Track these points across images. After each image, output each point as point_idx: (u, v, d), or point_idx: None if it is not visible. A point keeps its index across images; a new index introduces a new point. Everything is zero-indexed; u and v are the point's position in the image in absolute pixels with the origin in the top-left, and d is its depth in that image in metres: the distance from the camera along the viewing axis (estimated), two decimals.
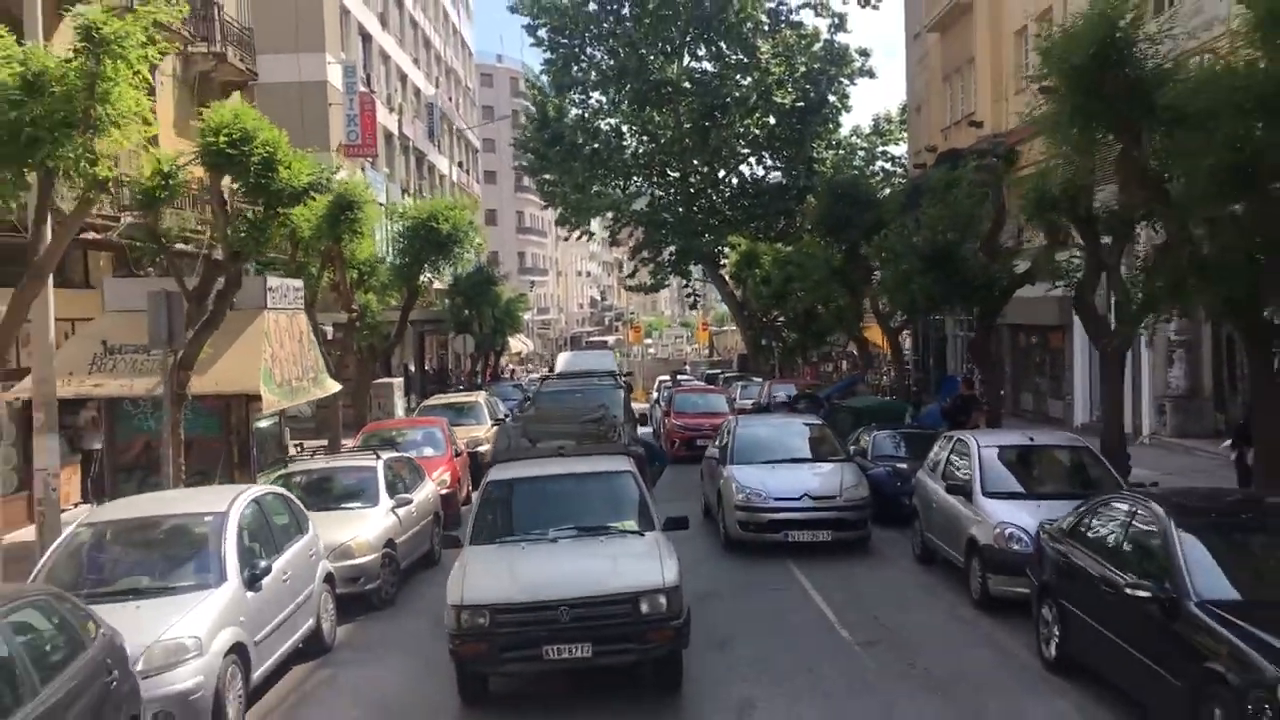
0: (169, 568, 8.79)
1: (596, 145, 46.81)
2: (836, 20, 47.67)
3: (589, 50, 47.69)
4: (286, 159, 13.85)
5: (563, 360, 34.07)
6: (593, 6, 46.37)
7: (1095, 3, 11.63)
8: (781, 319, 40.66)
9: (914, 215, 21.45)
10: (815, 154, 47.33)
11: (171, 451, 13.67)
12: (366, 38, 42.83)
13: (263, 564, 9.07)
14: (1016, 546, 10.83)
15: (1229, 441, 14.25)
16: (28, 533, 15.64)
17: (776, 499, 14.41)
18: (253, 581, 8.86)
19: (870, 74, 48.87)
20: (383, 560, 12.33)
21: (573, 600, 8.50)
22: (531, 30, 47.99)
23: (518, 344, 64.37)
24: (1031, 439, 13.69)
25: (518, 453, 11.47)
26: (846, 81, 47.86)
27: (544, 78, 49.58)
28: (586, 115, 48.28)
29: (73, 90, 9.80)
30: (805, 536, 14.11)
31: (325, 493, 13.04)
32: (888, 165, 48.71)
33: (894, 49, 45.21)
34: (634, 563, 8.95)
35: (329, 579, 10.91)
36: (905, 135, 47.18)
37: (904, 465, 16.29)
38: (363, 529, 12.26)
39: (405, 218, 25.66)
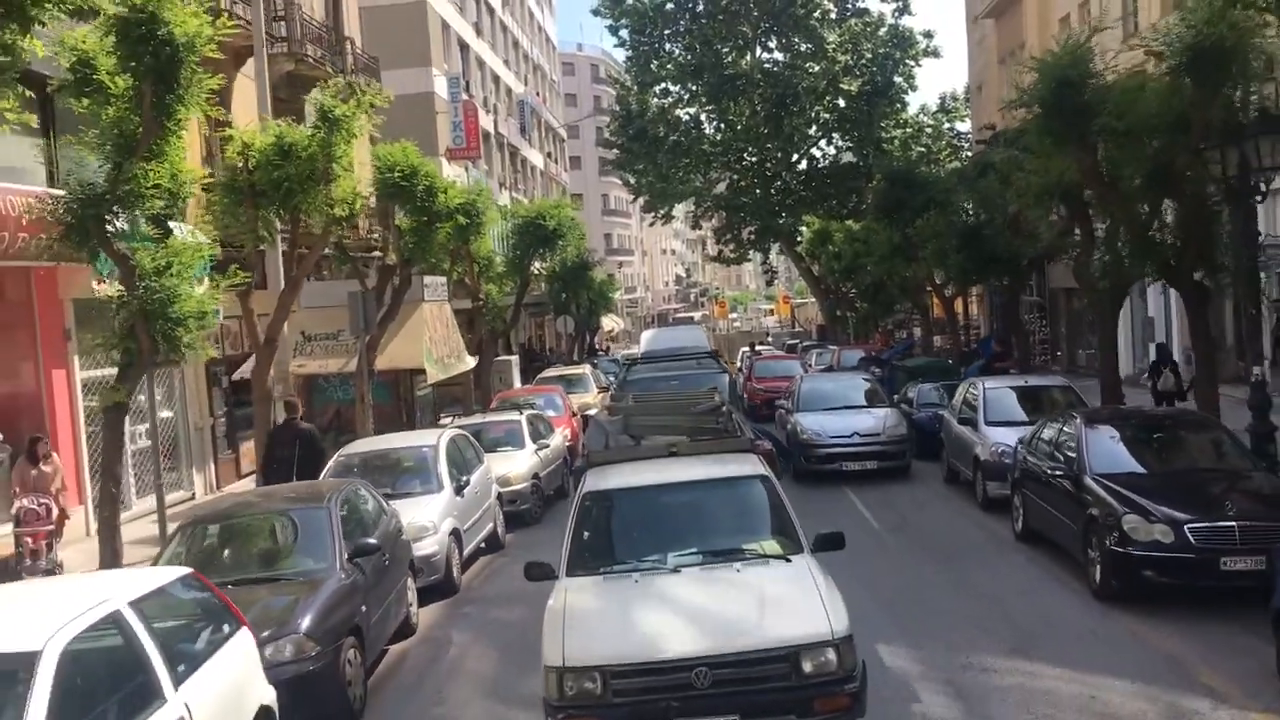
0: (406, 480, 13.03)
1: (677, 136, 50.55)
2: (901, 4, 50.74)
3: (667, 47, 51.51)
4: (443, 185, 18.10)
5: (648, 339, 30.35)
6: (669, 6, 50.15)
7: (1064, 45, 15.19)
8: (854, 291, 44.19)
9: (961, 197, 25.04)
10: (884, 134, 50.22)
11: (364, 413, 18.09)
12: (464, 47, 47.17)
13: (463, 479, 13.32)
14: (1006, 460, 14.54)
15: (1147, 373, 18.02)
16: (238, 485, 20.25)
17: (832, 437, 18.29)
18: (458, 490, 13.10)
19: (935, 54, 51.59)
20: (531, 488, 16.57)
21: (713, 658, 6.59)
22: (613, 31, 52.19)
23: (609, 323, 68.66)
24: (1026, 381, 17.38)
25: (619, 453, 9.44)
26: (912, 63, 50.81)
27: (626, 75, 53.56)
28: (666, 107, 52.03)
29: (315, 155, 14.05)
30: (855, 466, 17.95)
31: (484, 439, 17.26)
32: (955, 142, 51.50)
33: (961, 27, 48.06)
34: (788, 603, 7.05)
35: (499, 498, 15.16)
36: (969, 112, 50.04)
37: (943, 410, 20.02)
38: (516, 465, 16.51)
39: (517, 216, 29.89)
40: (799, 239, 50.08)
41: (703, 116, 52.47)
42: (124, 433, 11.18)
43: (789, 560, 7.62)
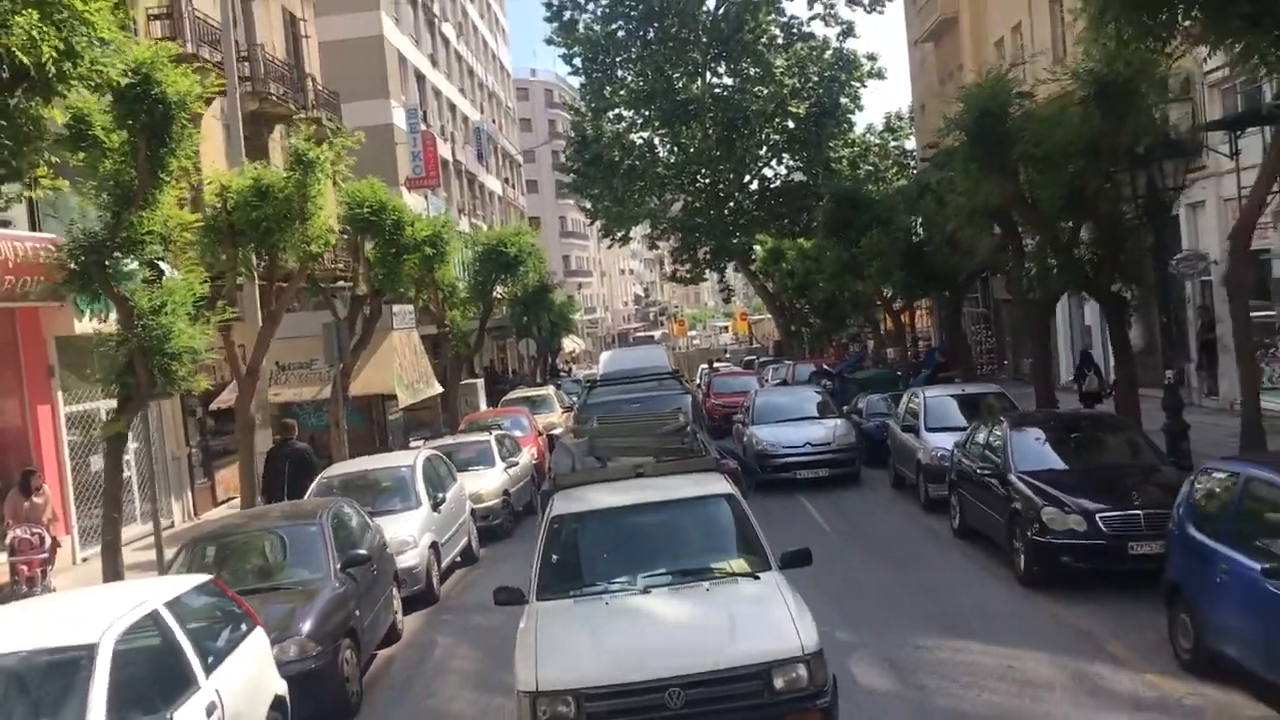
0: (387, 498, 13.88)
1: (632, 160, 51.67)
2: (845, 28, 52.27)
3: (619, 73, 52.70)
4: (410, 218, 19.00)
5: (607, 360, 29.08)
6: (621, 34, 51.35)
7: (986, 78, 16.41)
8: (807, 307, 45.45)
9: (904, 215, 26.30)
10: (832, 154, 51.55)
11: (340, 438, 18.89)
12: (421, 78, 48.05)
13: (439, 496, 14.20)
14: (945, 463, 15.63)
15: (1073, 375, 19.33)
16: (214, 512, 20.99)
17: (786, 447, 19.33)
18: (435, 505, 13.98)
19: (880, 75, 53.08)
20: (502, 504, 17.45)
21: (686, 678, 6.67)
22: (567, 59, 53.42)
23: (570, 344, 69.56)
24: (964, 389, 18.53)
25: (586, 475, 9.50)
26: (858, 84, 52.34)
27: (580, 102, 54.70)
28: (621, 132, 53.15)
29: (291, 196, 14.91)
30: (808, 474, 19.00)
31: (456, 459, 18.11)
32: (901, 160, 53.03)
33: (904, 49, 49.90)
34: (758, 621, 7.15)
35: (473, 513, 16.04)
36: (914, 131, 51.63)
37: (890, 420, 21.14)
38: (487, 482, 17.39)
39: (479, 243, 30.80)
40: (753, 258, 51.30)
41: (656, 140, 53.64)
42: (123, 461, 11.89)
43: (757, 578, 7.70)
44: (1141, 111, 13.79)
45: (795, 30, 52.27)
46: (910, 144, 52.80)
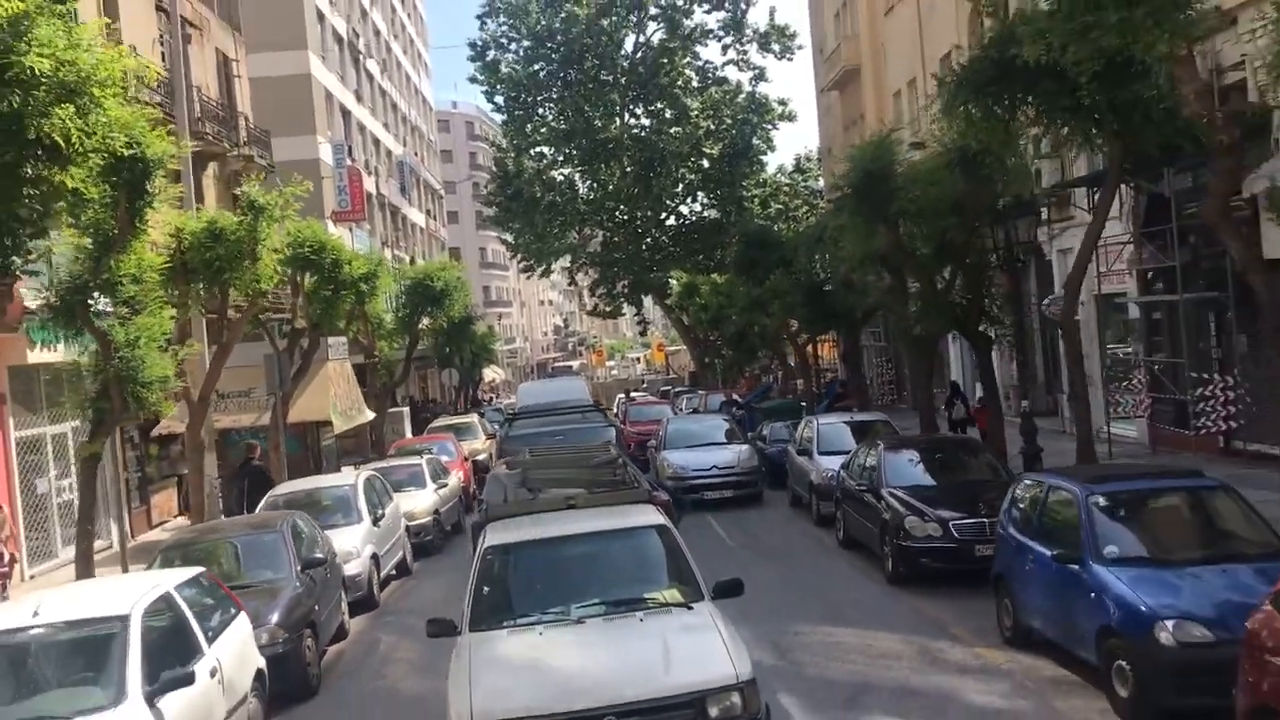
0: (330, 515, 15.26)
1: (553, 196, 53.44)
2: (757, 73, 54.90)
3: (541, 112, 54.57)
4: (348, 257, 20.45)
5: (526, 392, 28.19)
6: (543, 75, 53.25)
7: (869, 141, 18.52)
8: (720, 339, 47.55)
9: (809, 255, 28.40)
10: (745, 192, 53.96)
11: (278, 461, 20.18)
12: (346, 114, 49.26)
13: (379, 511, 15.67)
14: (834, 483, 17.54)
15: (944, 404, 21.59)
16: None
17: (694, 470, 21.11)
18: (375, 520, 15.45)
19: (790, 118, 55.77)
20: (433, 522, 18.93)
21: (620, 707, 6.77)
22: (489, 97, 55.18)
23: (490, 374, 70.85)
24: (853, 417, 20.53)
25: (517, 507, 9.55)
26: (769, 127, 54.90)
27: (503, 139, 56.42)
28: (542, 168, 54.92)
29: (243, 238, 16.31)
30: (714, 495, 20.77)
31: (391, 480, 19.52)
32: (810, 200, 55.64)
33: (814, 94, 52.62)
34: (692, 650, 7.26)
35: (407, 530, 17.50)
36: (821, 173, 54.29)
37: (789, 445, 23.06)
38: (419, 502, 18.86)
39: (406, 277, 32.21)
40: (669, 292, 53.37)
41: (576, 177, 55.53)
42: (96, 480, 13.13)
43: (690, 608, 7.79)
44: (996, 177, 15.91)
45: (710, 74, 54.72)
46: (820, 183, 55.46)
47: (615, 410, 41.48)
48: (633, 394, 51.61)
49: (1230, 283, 17.08)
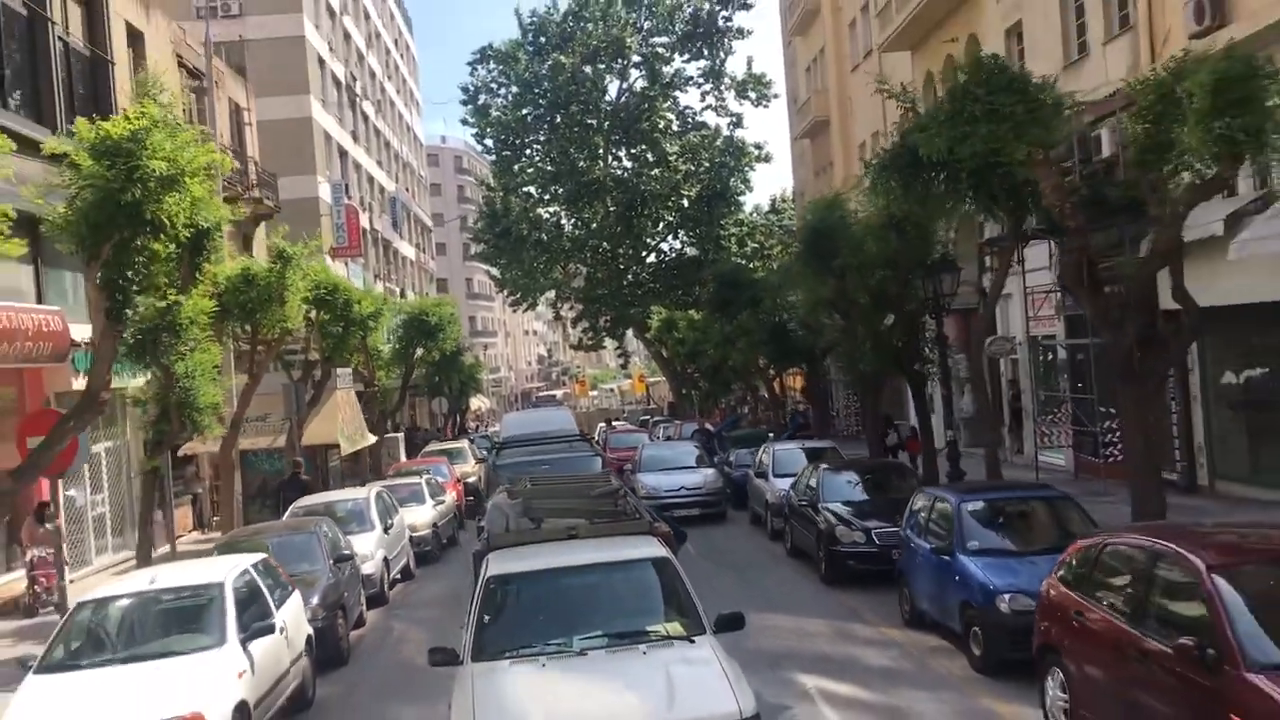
0: (346, 523, 17.65)
1: (539, 234, 56.03)
2: (735, 119, 57.74)
3: (528, 153, 57.32)
4: (358, 297, 22.96)
5: (511, 423, 28.59)
6: (530, 118, 56.02)
7: (818, 201, 21.18)
8: (697, 372, 50.16)
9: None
10: (722, 231, 56.61)
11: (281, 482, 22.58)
12: (343, 154, 51.92)
13: (389, 521, 18.10)
14: (784, 501, 20.04)
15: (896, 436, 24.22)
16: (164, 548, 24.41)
17: (667, 491, 23.61)
18: (385, 529, 17.87)
19: (767, 159, 58.57)
20: (433, 534, 21.35)
21: None
22: (479, 139, 57.97)
23: (477, 402, 73.24)
24: (803, 446, 23.05)
25: (519, 536, 9.62)
26: (747, 169, 57.65)
27: (491, 179, 59.15)
28: (529, 206, 57.52)
29: (272, 283, 18.82)
30: (683, 513, 23.15)
31: (395, 496, 21.92)
32: (784, 240, 58.26)
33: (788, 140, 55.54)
34: (695, 684, 7.26)
35: (410, 540, 19.92)
36: (794, 213, 57.06)
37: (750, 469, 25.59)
38: (420, 515, 21.29)
39: (403, 311, 34.73)
40: (649, 326, 55.96)
41: (562, 216, 58.18)
42: (155, 492, 15.53)
43: (692, 641, 7.78)
44: (923, 238, 18.58)
45: (689, 119, 57.54)
46: (793, 223, 58.18)
47: (596, 438, 43.96)
48: (614, 423, 54.14)
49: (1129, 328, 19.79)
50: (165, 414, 14.96)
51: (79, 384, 20.77)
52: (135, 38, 26.88)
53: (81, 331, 20.09)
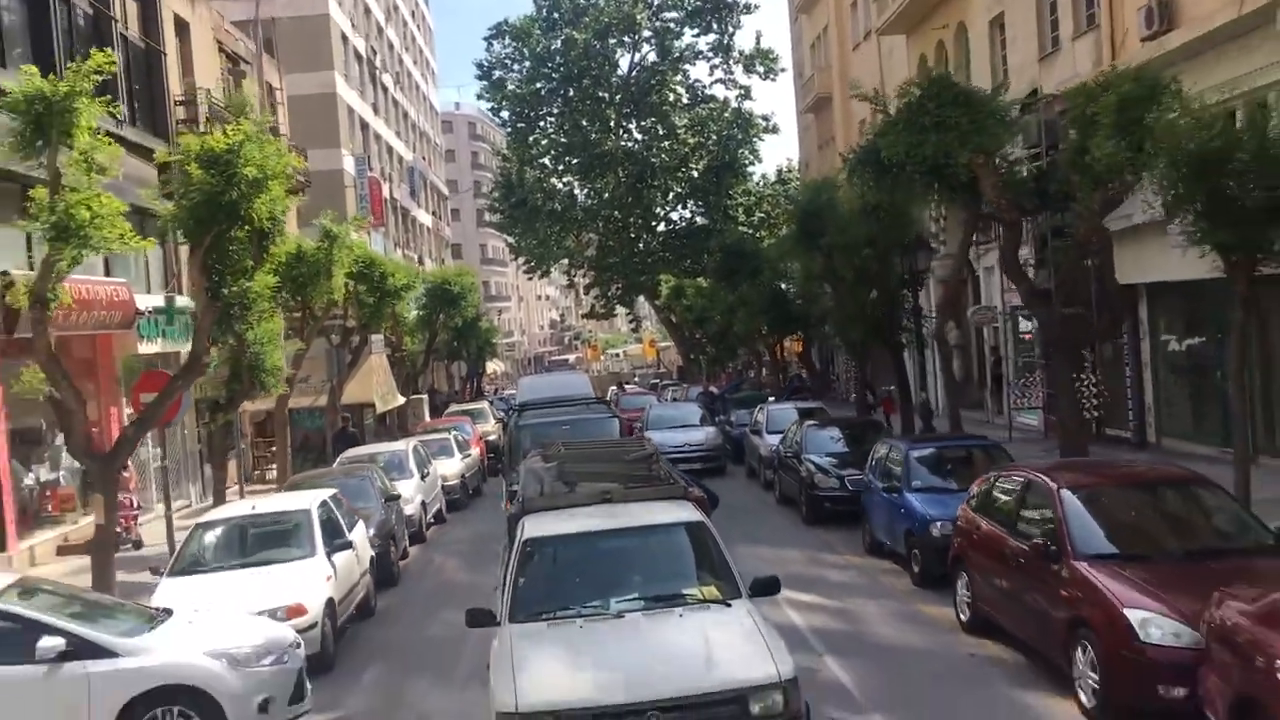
0: (388, 471, 20.12)
1: (553, 204, 58.25)
2: (743, 91, 59.63)
3: (542, 124, 59.43)
4: (392, 269, 25.36)
5: (527, 386, 28.69)
6: (544, 92, 58.08)
7: (809, 184, 23.44)
8: (704, 337, 52.53)
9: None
10: (730, 201, 58.71)
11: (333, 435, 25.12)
12: (365, 126, 54.06)
13: (425, 470, 20.62)
14: (775, 454, 22.46)
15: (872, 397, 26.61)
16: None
17: (671, 447, 25.98)
18: (422, 477, 20.38)
19: (775, 130, 60.52)
20: (460, 484, 23.89)
21: (664, 702, 6.88)
22: (495, 112, 60.11)
23: (492, 366, 75.83)
24: (796, 405, 25.44)
25: (554, 499, 9.60)
26: (755, 139, 59.60)
27: (507, 150, 61.33)
28: (543, 177, 59.67)
29: (320, 259, 21.20)
30: (686, 466, 25.42)
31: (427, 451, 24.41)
32: (790, 209, 60.30)
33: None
34: (733, 647, 7.41)
35: (442, 488, 22.46)
36: (800, 185, 59.10)
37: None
38: (450, 467, 23.81)
39: (427, 280, 37.15)
40: (659, 293, 58.26)
41: (575, 186, 60.34)
42: (225, 441, 18.02)
43: (729, 605, 7.88)
44: (901, 221, 20.85)
45: (698, 92, 59.49)
46: (799, 194, 60.09)
47: (609, 399, 46.32)
48: (624, 385, 56.70)
49: (1093, 301, 22.12)
50: (236, 375, 17.38)
51: (144, 348, 23.35)
52: (182, 27, 29.24)
53: (145, 301, 22.65)
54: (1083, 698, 8.43)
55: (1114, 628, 7.99)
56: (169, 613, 9.52)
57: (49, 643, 8.30)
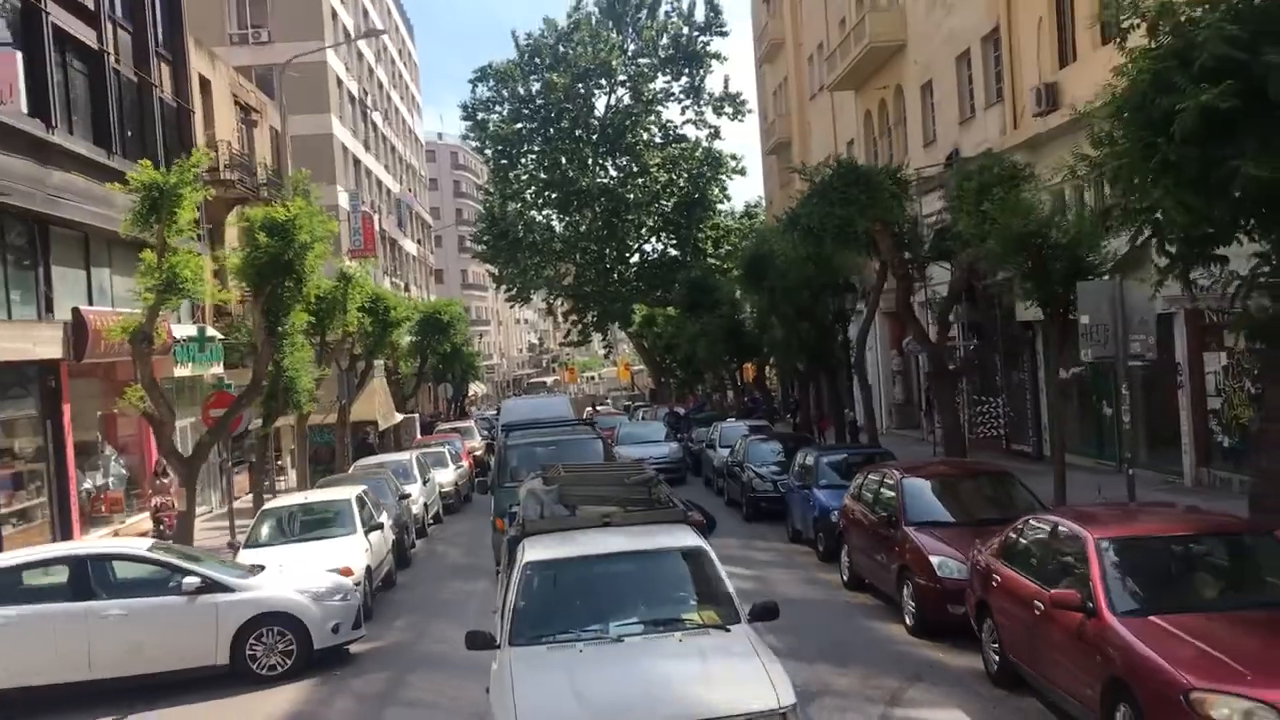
0: (396, 476, 23.73)
1: (533, 236, 62.06)
2: (712, 131, 63.69)
3: (523, 162, 63.29)
4: (395, 303, 29.04)
5: (510, 408, 29.39)
6: (525, 132, 61.97)
7: (757, 228, 27.31)
8: (674, 362, 56.36)
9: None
10: (700, 234, 62.63)
11: (346, 449, 28.67)
12: (357, 163, 57.73)
13: (427, 476, 24.26)
14: (724, 465, 26.16)
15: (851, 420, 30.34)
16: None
17: (636, 460, 29.73)
18: (424, 483, 24.03)
19: (742, 172, 64.45)
20: (455, 491, 27.52)
21: None
22: (479, 150, 64.00)
23: (474, 388, 79.41)
24: (747, 424, 29.25)
25: (554, 522, 9.57)
26: (724, 178, 63.60)
27: (490, 185, 65.19)
28: (523, 210, 63.47)
29: (337, 296, 24.87)
30: None
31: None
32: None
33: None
34: (733, 672, 7.31)
35: (439, 494, 26.10)
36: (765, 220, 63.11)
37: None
38: (446, 476, 27.46)
39: (419, 310, 40.82)
40: (632, 321, 62.08)
41: (553, 219, 64.22)
42: (264, 450, 21.63)
43: (728, 630, 7.89)
44: (830, 268, 24.67)
45: (670, 132, 63.51)
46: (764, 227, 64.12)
47: (584, 418, 50.11)
48: (599, 406, 60.51)
49: (999, 334, 26.08)
50: (273, 395, 21.00)
51: (179, 371, 26.91)
52: (204, 85, 32.92)
53: (179, 330, 26.30)
54: (908, 620, 12.24)
55: (924, 568, 11.77)
56: (262, 567, 13.13)
57: (190, 580, 11.92)
